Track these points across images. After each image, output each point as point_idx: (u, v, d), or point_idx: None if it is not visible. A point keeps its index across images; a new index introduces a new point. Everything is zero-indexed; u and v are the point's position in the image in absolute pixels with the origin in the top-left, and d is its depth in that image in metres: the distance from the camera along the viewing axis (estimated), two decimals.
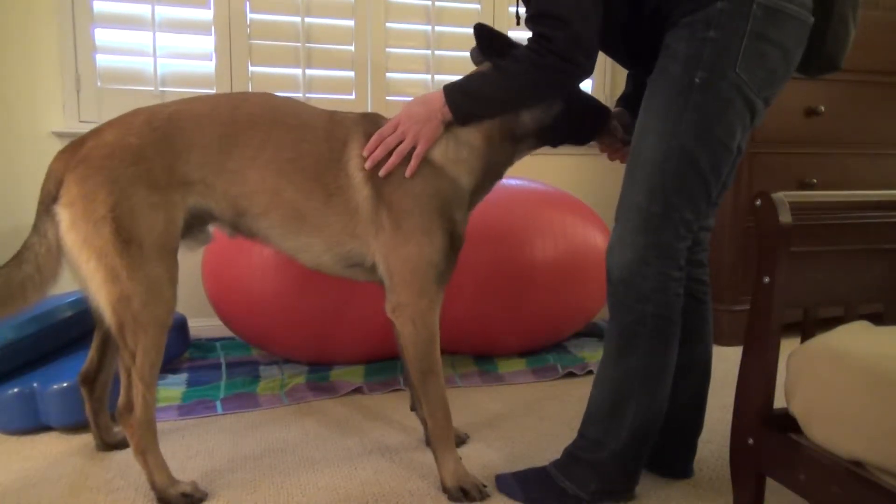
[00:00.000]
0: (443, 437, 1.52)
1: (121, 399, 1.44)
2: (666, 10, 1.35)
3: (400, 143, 1.46)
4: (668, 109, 1.33)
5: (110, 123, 1.46)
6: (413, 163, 1.46)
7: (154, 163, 1.40)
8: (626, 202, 1.39)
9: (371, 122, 1.54)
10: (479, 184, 1.55)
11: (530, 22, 1.40)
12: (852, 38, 1.42)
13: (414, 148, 1.47)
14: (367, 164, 1.46)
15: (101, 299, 1.39)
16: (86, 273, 1.38)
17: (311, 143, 1.49)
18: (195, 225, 1.51)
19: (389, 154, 1.47)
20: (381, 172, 1.46)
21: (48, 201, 1.41)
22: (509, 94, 1.47)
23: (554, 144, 1.61)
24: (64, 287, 1.52)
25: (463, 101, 1.47)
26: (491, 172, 1.57)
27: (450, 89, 1.47)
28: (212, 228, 1.60)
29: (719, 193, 1.54)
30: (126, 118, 1.46)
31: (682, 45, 1.32)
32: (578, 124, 1.58)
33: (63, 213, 1.38)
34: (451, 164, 1.50)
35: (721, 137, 1.32)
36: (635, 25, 1.41)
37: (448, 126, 1.49)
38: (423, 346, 1.48)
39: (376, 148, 1.47)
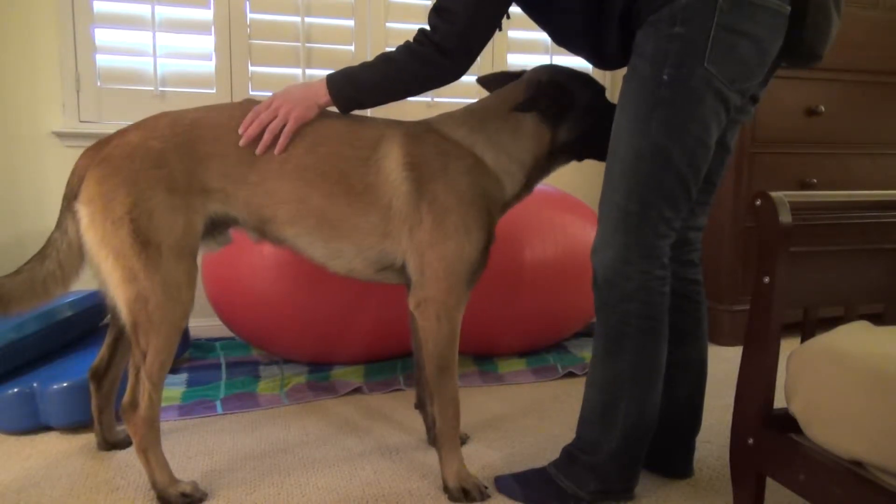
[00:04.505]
0: (450, 436, 1.52)
1: (126, 396, 1.45)
2: (635, 11, 1.35)
3: (273, 120, 1.46)
4: (639, 108, 1.34)
5: (136, 125, 1.47)
6: (282, 140, 1.46)
7: (175, 167, 1.41)
8: (605, 202, 1.40)
9: (405, 124, 1.56)
10: (517, 195, 1.59)
11: (431, 12, 1.43)
12: (836, 28, 1.41)
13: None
14: (242, 142, 1.45)
15: (118, 298, 1.40)
16: (104, 271, 1.40)
17: (329, 145, 1.49)
18: (217, 229, 1.52)
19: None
20: (258, 150, 1.45)
21: (70, 197, 1.42)
22: (386, 81, 1.48)
23: (580, 158, 1.62)
24: (77, 285, 1.52)
25: (344, 86, 1.48)
26: (529, 185, 1.60)
27: (333, 76, 1.49)
28: (232, 231, 1.59)
29: (708, 192, 1.54)
30: (150, 121, 1.47)
31: (650, 42, 1.32)
32: (604, 137, 1.53)
33: (82, 211, 1.40)
34: (501, 171, 1.53)
35: (695, 133, 1.32)
36: (606, 27, 1.41)
37: (502, 142, 1.52)
38: (443, 343, 1.49)
39: (251, 125, 1.46)
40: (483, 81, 1.70)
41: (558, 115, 1.53)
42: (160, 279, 1.38)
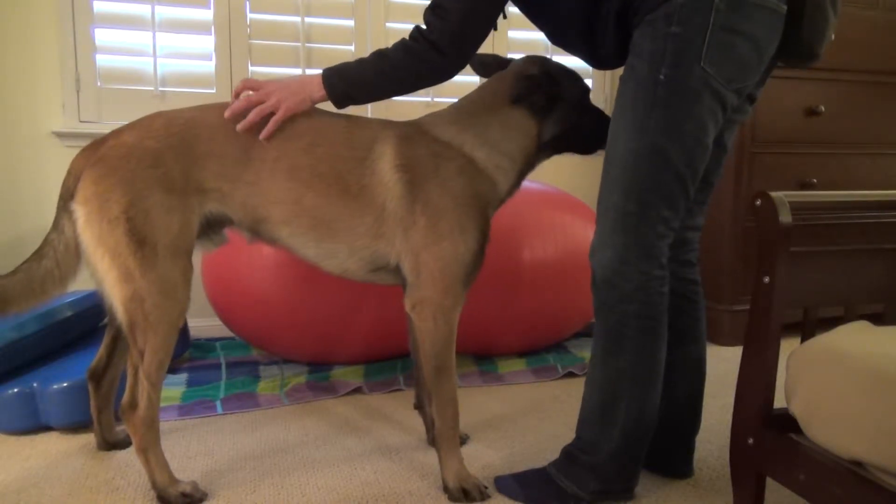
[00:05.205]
0: (449, 436, 1.52)
1: (125, 396, 1.45)
2: (631, 10, 1.35)
3: (263, 103, 1.46)
4: (636, 107, 1.34)
5: (131, 125, 1.47)
6: (269, 126, 1.46)
7: (171, 167, 1.41)
8: (603, 203, 1.40)
9: (397, 125, 1.56)
10: (510, 189, 1.59)
11: (426, 10, 1.43)
12: (833, 26, 1.41)
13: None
14: (227, 113, 1.45)
15: (115, 297, 1.40)
16: (100, 271, 1.40)
17: (325, 146, 1.49)
18: (212, 228, 1.52)
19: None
20: (239, 127, 1.45)
21: (67, 197, 1.43)
22: (380, 77, 1.47)
23: (560, 152, 1.63)
24: (74, 285, 1.52)
25: (339, 82, 1.48)
26: (520, 179, 1.61)
27: (328, 71, 1.49)
28: (227, 231, 1.59)
29: (706, 191, 1.54)
30: (145, 121, 1.47)
31: (647, 42, 1.32)
32: (586, 134, 1.59)
33: (79, 210, 1.40)
34: (493, 168, 1.53)
35: (692, 132, 1.32)
36: (603, 27, 1.41)
37: (492, 138, 1.52)
38: (440, 343, 1.49)
39: (241, 106, 1.46)
40: (476, 61, 1.66)
41: (547, 108, 1.53)
42: (156, 278, 1.38)
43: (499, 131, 1.53)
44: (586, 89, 1.60)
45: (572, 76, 1.58)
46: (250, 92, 1.50)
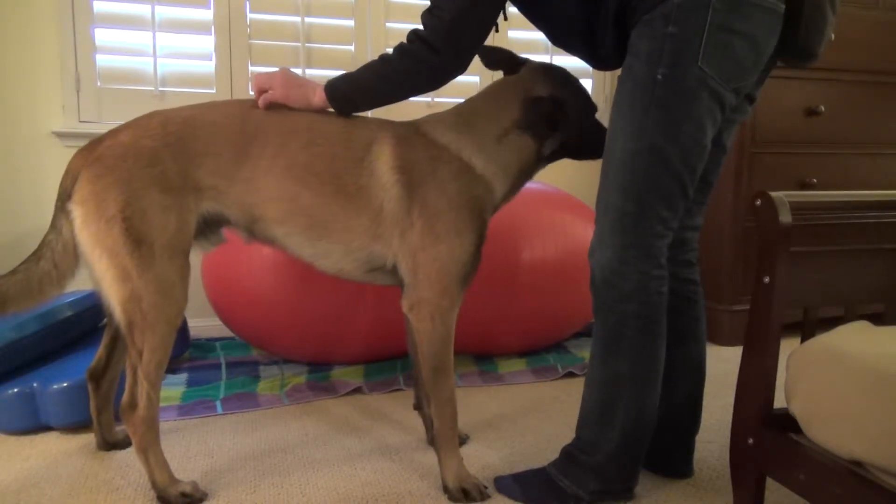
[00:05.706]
0: (448, 436, 1.52)
1: (125, 396, 1.45)
2: (630, 10, 1.35)
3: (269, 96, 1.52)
4: (633, 108, 1.34)
5: (127, 125, 1.47)
6: (261, 102, 1.51)
7: (168, 166, 1.41)
8: (602, 203, 1.40)
9: (395, 125, 1.56)
10: (507, 194, 1.60)
11: (423, 12, 1.43)
12: (831, 26, 1.40)
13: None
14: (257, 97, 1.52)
15: (112, 297, 1.40)
16: (98, 271, 1.40)
17: (323, 145, 1.49)
18: (209, 228, 1.52)
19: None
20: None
21: (64, 197, 1.42)
22: (382, 81, 1.48)
23: (560, 159, 1.64)
24: (75, 286, 1.52)
25: (341, 86, 1.49)
26: (517, 186, 1.61)
27: (332, 79, 1.51)
28: (225, 231, 1.60)
29: (705, 191, 1.54)
30: (142, 120, 1.47)
31: (644, 42, 1.32)
32: (586, 143, 1.60)
33: (76, 210, 1.40)
34: (490, 175, 1.53)
35: (690, 132, 1.32)
36: (602, 27, 1.41)
37: (489, 148, 1.52)
38: (438, 343, 1.49)
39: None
40: (484, 52, 1.63)
41: (550, 132, 1.54)
42: (153, 278, 1.38)
43: (497, 143, 1.53)
44: (590, 104, 1.60)
45: (577, 89, 1.58)
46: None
